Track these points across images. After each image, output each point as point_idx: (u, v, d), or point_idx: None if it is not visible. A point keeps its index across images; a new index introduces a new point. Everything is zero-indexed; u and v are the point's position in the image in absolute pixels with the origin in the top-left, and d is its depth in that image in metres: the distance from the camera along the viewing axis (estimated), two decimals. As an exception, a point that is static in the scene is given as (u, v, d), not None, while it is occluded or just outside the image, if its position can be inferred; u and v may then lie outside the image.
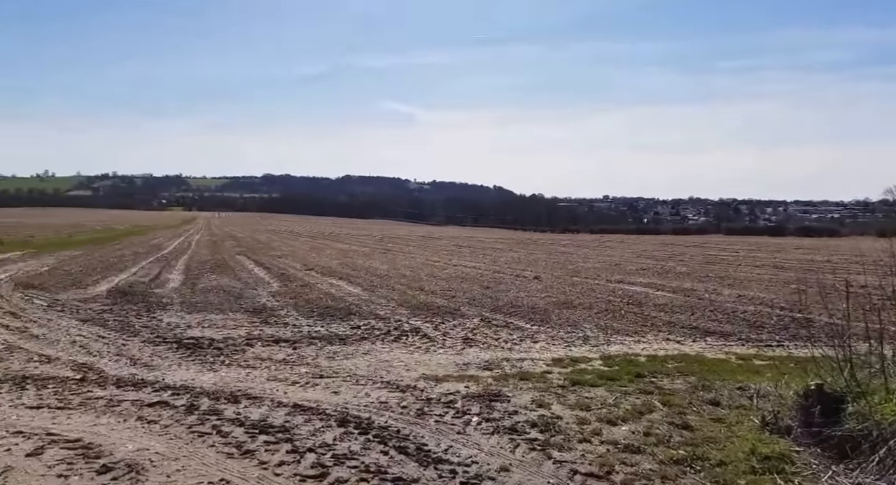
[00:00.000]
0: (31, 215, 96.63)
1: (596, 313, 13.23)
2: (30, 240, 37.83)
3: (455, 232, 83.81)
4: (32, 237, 40.66)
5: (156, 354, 8.83)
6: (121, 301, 14.04)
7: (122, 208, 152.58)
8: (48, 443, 4.88)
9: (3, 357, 8.41)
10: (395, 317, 12.48)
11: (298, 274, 21.09)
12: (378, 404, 6.31)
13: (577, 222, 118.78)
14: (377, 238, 54.92)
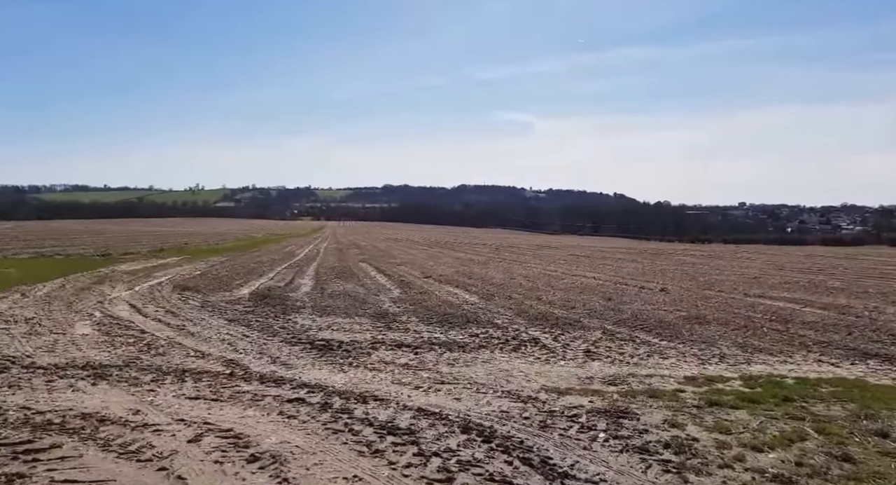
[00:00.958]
0: (185, 224, 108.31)
1: (733, 330, 12.30)
2: (184, 247, 42.39)
3: (572, 241, 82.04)
4: (186, 244, 45.52)
5: (292, 354, 9.50)
6: (261, 304, 15.26)
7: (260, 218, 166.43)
8: (205, 431, 5.42)
9: (166, 352, 9.49)
10: (512, 326, 12.45)
11: (417, 281, 21.72)
12: (500, 413, 6.33)
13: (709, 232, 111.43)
14: (492, 247, 55.15)
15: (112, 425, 5.59)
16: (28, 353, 9.05)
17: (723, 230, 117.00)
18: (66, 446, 5.01)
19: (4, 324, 11.43)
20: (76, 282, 19.07)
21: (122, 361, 8.65)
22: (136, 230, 72.46)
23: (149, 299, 15.46)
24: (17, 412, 5.97)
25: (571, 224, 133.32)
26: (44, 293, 16.02)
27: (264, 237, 67.73)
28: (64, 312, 13.13)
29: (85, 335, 10.66)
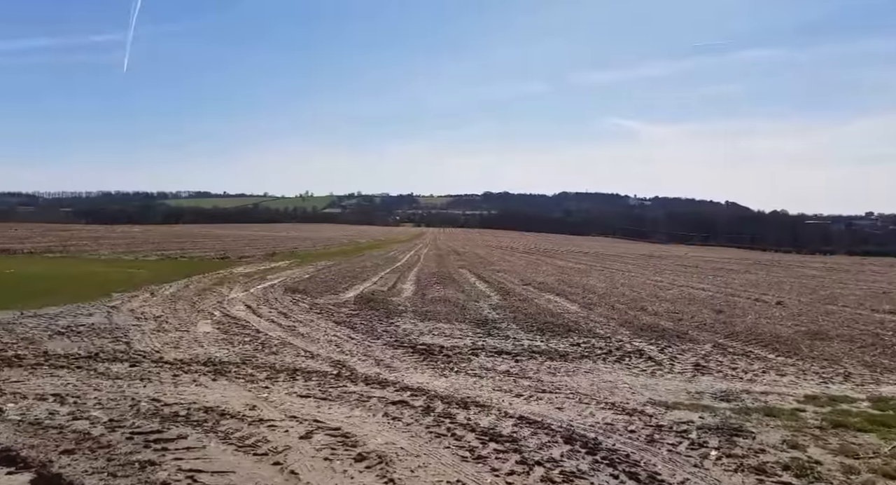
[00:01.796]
0: (295, 229, 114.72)
1: (859, 348, 11.12)
2: (295, 251, 44.85)
3: (680, 250, 78.01)
4: (296, 249, 48.14)
5: (395, 357, 9.69)
6: (365, 307, 15.76)
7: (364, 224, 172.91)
8: (315, 429, 5.63)
9: (279, 351, 10.01)
10: (615, 337, 11.98)
11: (516, 289, 21.52)
12: (604, 424, 6.07)
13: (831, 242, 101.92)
14: (594, 255, 53.64)
15: (231, 419, 5.94)
16: (157, 348, 9.88)
17: (847, 241, 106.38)
18: (190, 437, 5.37)
19: (136, 321, 12.58)
20: (198, 283, 20.68)
21: (240, 359, 9.22)
22: (251, 235, 77.72)
23: (262, 301, 16.43)
24: (149, 404, 6.51)
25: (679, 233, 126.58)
26: (170, 293, 17.50)
27: (368, 243, 70.24)
28: (187, 310, 14.25)
29: (206, 333, 11.48)
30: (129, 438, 5.30)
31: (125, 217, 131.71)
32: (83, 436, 5.31)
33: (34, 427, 5.54)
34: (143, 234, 69.58)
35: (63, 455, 4.81)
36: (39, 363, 8.38)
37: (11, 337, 10.21)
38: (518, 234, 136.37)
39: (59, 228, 74.63)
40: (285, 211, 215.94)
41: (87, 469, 4.55)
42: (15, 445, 5.00)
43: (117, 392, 6.96)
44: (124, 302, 15.13)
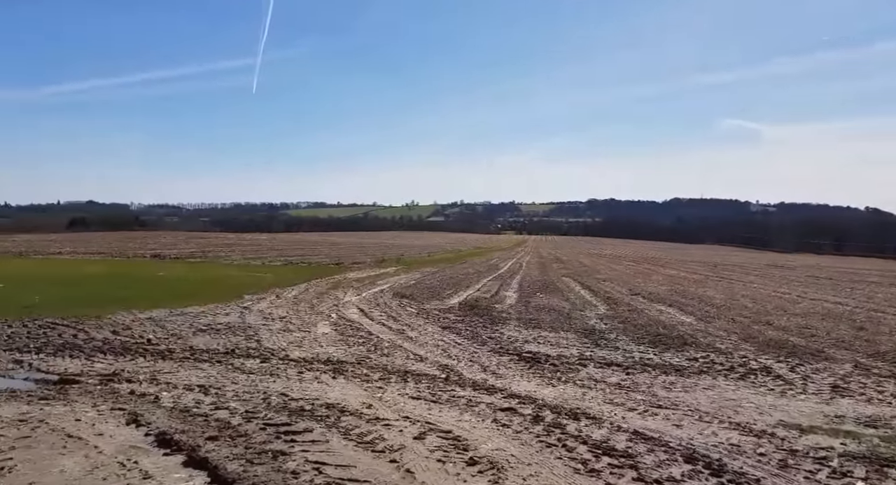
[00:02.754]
0: (401, 237, 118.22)
1: None
2: (401, 258, 46.29)
3: (810, 260, 71.45)
4: (403, 256, 49.65)
5: (501, 364, 9.76)
6: (469, 314, 15.97)
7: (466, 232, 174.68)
8: (427, 430, 5.83)
9: (390, 353, 10.43)
10: (738, 352, 11.25)
11: (624, 299, 20.80)
12: (729, 445, 5.75)
13: None
14: (710, 265, 50.51)
15: (350, 417, 6.30)
16: (283, 347, 10.66)
17: None
18: (315, 431, 5.77)
19: (264, 321, 13.61)
20: (317, 287, 21.96)
21: (355, 359, 9.73)
22: (362, 242, 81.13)
23: (374, 305, 17.15)
24: (278, 398, 7.06)
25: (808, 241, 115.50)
26: (293, 296, 18.74)
27: (470, 250, 70.92)
28: (308, 312, 15.21)
29: (325, 334, 12.20)
30: (262, 428, 5.79)
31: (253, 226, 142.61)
32: (224, 424, 5.87)
33: (184, 414, 6.21)
34: (269, 241, 74.93)
35: (208, 441, 5.36)
36: (186, 357, 9.36)
37: (163, 333, 11.47)
38: (625, 242, 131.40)
39: (198, 236, 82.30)
40: (392, 219, 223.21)
41: (228, 455, 5.03)
42: (169, 429, 5.64)
43: (251, 386, 7.61)
44: (254, 303, 16.44)
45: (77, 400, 6.67)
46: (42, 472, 4.55)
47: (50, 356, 9.11)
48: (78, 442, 5.24)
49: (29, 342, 10.02)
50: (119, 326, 12.05)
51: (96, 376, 7.96)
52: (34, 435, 5.39)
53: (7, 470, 4.55)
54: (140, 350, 9.76)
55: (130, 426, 5.76)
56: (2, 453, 4.92)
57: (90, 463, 4.76)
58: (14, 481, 4.36)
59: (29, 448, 5.05)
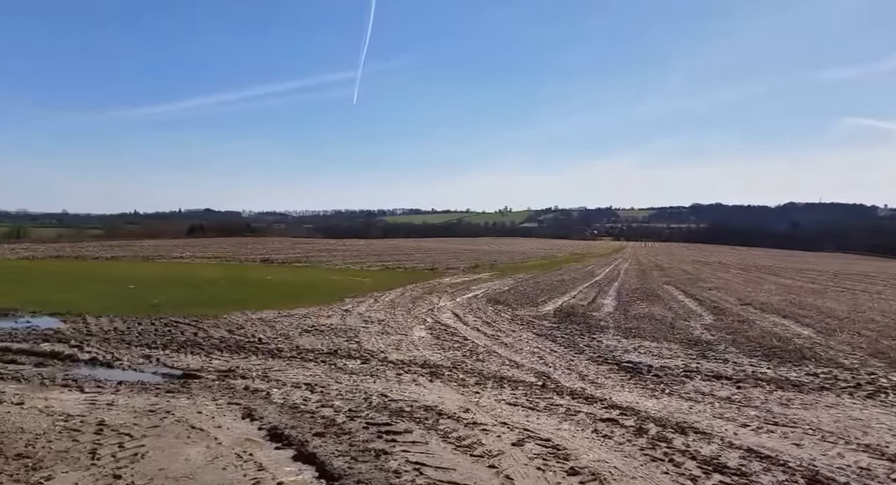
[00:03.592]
0: (494, 243, 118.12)
1: None
2: (494, 264, 46.26)
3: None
4: (496, 262, 49.60)
5: (599, 373, 9.48)
6: (565, 321, 15.65)
7: (560, 238, 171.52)
8: (526, 437, 5.76)
9: (485, 358, 10.44)
10: (865, 369, 10.23)
11: (733, 309, 19.53)
12: (857, 469, 5.23)
13: None
14: (830, 273, 46.31)
15: (448, 420, 6.36)
16: (381, 349, 10.97)
17: None
18: (415, 433, 5.88)
19: (364, 323, 14.08)
20: (412, 291, 22.44)
21: (451, 363, 9.82)
22: (455, 248, 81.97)
23: (468, 310, 17.26)
24: (378, 398, 7.27)
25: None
26: (389, 300, 19.26)
27: (565, 257, 69.59)
28: (405, 316, 15.56)
29: (421, 338, 12.43)
30: (365, 427, 5.98)
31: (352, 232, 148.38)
32: (330, 422, 6.13)
33: (293, 410, 6.55)
34: (367, 247, 77.58)
35: (315, 437, 5.61)
36: (293, 356, 9.88)
37: (273, 332, 12.19)
38: (732, 249, 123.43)
39: (303, 242, 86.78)
40: (485, 225, 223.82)
41: (334, 451, 5.24)
42: (280, 424, 5.97)
43: (353, 386, 7.89)
44: (354, 306, 17.08)
45: (198, 394, 7.22)
46: (170, 459, 4.96)
47: (174, 352, 9.94)
48: (200, 433, 5.67)
49: (156, 339, 11.00)
50: (233, 325, 12.94)
51: (214, 371, 8.58)
52: (162, 425, 5.89)
53: (140, 456, 5.00)
54: (252, 349, 10.42)
55: (245, 420, 6.15)
56: (135, 439, 5.42)
57: (211, 453, 5.13)
58: (147, 466, 4.79)
59: (158, 437, 5.52)
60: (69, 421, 5.83)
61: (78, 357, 9.22)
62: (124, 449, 5.12)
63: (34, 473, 4.52)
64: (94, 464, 4.76)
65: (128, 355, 9.54)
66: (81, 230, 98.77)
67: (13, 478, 4.41)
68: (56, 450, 5.02)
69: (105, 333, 11.40)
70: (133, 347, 10.26)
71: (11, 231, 79.18)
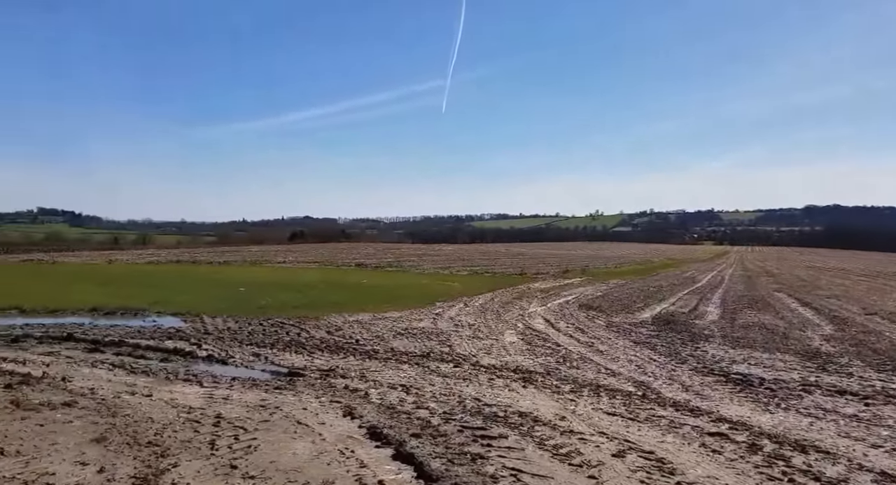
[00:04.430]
0: (585, 248, 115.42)
1: None
2: (586, 269, 45.17)
3: None
4: (587, 267, 48.42)
5: (705, 385, 8.96)
6: (665, 329, 14.97)
7: (657, 243, 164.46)
8: (626, 449, 5.55)
9: (579, 366, 10.19)
10: None
11: (857, 318, 17.83)
12: None
13: None
14: (974, 279, 41.10)
15: (544, 427, 6.26)
16: (473, 353, 11.01)
17: None
18: (510, 438, 5.83)
19: (455, 327, 14.19)
20: (501, 296, 22.37)
21: (544, 370, 9.67)
22: (544, 253, 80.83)
23: (559, 316, 16.95)
24: (472, 402, 7.29)
25: None
26: (479, 304, 19.30)
27: (662, 262, 66.65)
28: (495, 321, 15.53)
29: (512, 343, 12.34)
30: (459, 430, 6.01)
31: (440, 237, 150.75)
32: (426, 423, 6.22)
33: (390, 411, 6.72)
34: (455, 252, 78.38)
35: (412, 438, 5.71)
36: (388, 358, 10.15)
37: (369, 334, 12.60)
38: (852, 253, 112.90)
39: (394, 247, 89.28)
40: (575, 230, 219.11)
41: (431, 453, 5.31)
42: (378, 423, 6.14)
43: (446, 389, 7.98)
44: (445, 310, 17.29)
45: (303, 391, 7.58)
46: (279, 452, 5.23)
47: (280, 351, 10.51)
48: (306, 429, 5.94)
49: (264, 338, 11.69)
50: (332, 327, 13.49)
51: (316, 370, 8.98)
52: (272, 420, 6.23)
53: (253, 448, 5.32)
54: (350, 349, 10.81)
55: (346, 418, 6.38)
56: (248, 432, 5.77)
57: (316, 449, 5.36)
58: (259, 458, 5.08)
59: (268, 431, 5.85)
60: (191, 413, 6.32)
61: (197, 354, 9.99)
62: (239, 441, 5.46)
63: (163, 459, 4.93)
64: (213, 454, 5.11)
65: (239, 353, 10.21)
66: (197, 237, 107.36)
67: (145, 463, 4.83)
68: (180, 439, 5.45)
69: (219, 333, 12.27)
70: (244, 345, 10.96)
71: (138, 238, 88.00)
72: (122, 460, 4.87)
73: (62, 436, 5.43)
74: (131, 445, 5.25)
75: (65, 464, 4.76)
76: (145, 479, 4.49)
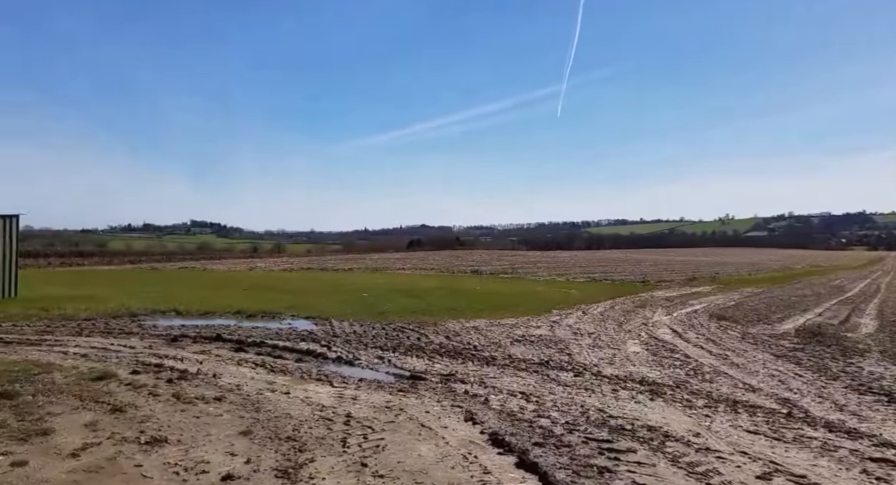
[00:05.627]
0: (713, 254, 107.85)
1: None
2: (716, 276, 42.19)
3: None
4: (717, 274, 45.21)
5: (862, 404, 8.00)
6: (811, 342, 13.58)
7: (797, 248, 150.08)
8: (773, 471, 5.09)
9: (713, 379, 9.51)
10: None
11: None
12: None
13: None
14: None
15: (676, 443, 5.91)
16: (594, 362, 10.66)
17: None
18: (639, 453, 5.57)
19: (574, 335, 13.85)
20: (622, 304, 21.50)
21: (672, 382, 9.14)
22: (668, 259, 76.68)
23: (687, 326, 15.96)
24: (596, 413, 7.06)
25: None
26: (598, 312, 18.70)
27: (804, 269, 60.65)
28: (615, 329, 14.96)
29: (636, 353, 11.81)
30: (584, 442, 5.85)
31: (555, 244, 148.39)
32: (548, 432, 6.12)
33: (511, 418, 6.69)
34: (571, 258, 76.74)
35: (535, 447, 5.64)
36: (506, 364, 10.13)
37: (486, 340, 12.67)
38: None
39: (508, 254, 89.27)
40: (702, 235, 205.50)
41: (555, 463, 5.21)
42: (500, 430, 6.13)
43: (568, 398, 7.80)
44: (562, 318, 16.95)
45: (425, 395, 7.77)
46: (405, 453, 5.39)
47: (402, 355, 10.86)
48: (429, 431, 6.08)
49: (386, 342, 12.15)
50: (450, 332, 13.72)
51: (437, 374, 9.17)
52: (397, 421, 6.45)
53: (381, 448, 5.53)
54: (468, 355, 10.92)
55: (468, 423, 6.44)
56: (376, 432, 6.01)
57: (440, 452, 5.46)
58: (387, 458, 5.27)
59: (394, 432, 6.06)
60: (324, 411, 6.71)
61: (327, 355, 10.60)
62: (368, 440, 5.71)
63: (300, 454, 5.27)
64: (345, 451, 5.38)
65: (365, 356, 10.70)
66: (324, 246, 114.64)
67: (285, 457, 5.19)
68: (315, 436, 5.80)
69: (346, 336, 12.94)
70: (369, 348, 11.47)
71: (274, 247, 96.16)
72: (266, 453, 5.27)
73: (214, 428, 5.99)
74: (272, 439, 5.68)
75: (217, 454, 5.24)
76: (286, 472, 4.82)
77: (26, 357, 9.55)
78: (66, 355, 9.89)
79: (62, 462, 4.88)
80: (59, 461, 4.90)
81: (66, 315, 15.33)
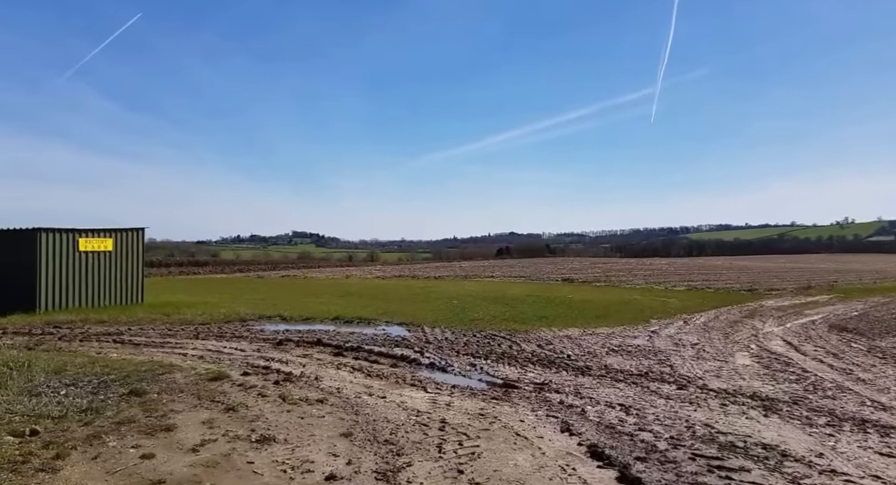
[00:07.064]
0: (831, 260, 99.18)
1: None
2: (834, 285, 38.72)
3: None
4: (836, 282, 41.48)
5: None
6: (953, 357, 12.09)
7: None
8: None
9: (836, 396, 8.69)
10: None
11: None
12: None
13: None
14: None
15: (795, 463, 5.45)
16: (698, 375, 10.08)
17: None
18: (753, 472, 5.18)
19: (675, 346, 13.18)
20: (727, 314, 20.23)
21: (789, 398, 8.46)
22: (778, 266, 71.34)
23: (803, 338, 14.75)
24: (703, 428, 6.66)
25: None
26: (701, 322, 17.69)
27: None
28: (721, 340, 14.07)
29: (745, 366, 11.05)
30: (691, 458, 5.52)
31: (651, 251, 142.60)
32: (651, 447, 5.84)
33: (609, 430, 6.45)
34: (669, 266, 73.41)
35: (637, 461, 5.40)
36: (602, 375, 9.81)
37: (580, 350, 12.35)
38: None
39: (600, 262, 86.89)
40: (817, 240, 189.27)
41: (659, 479, 4.96)
42: (599, 443, 5.93)
43: (671, 412, 7.41)
44: (662, 328, 16.21)
45: (518, 403, 7.68)
46: (501, 462, 5.34)
47: (494, 362, 10.81)
48: (524, 441, 5.99)
49: (478, 349, 12.15)
50: (542, 340, 13.50)
51: (529, 383, 9.04)
52: (491, 429, 6.41)
53: (477, 455, 5.51)
54: (562, 364, 10.68)
55: (564, 434, 6.28)
56: (471, 439, 6.00)
57: (536, 462, 5.36)
58: (483, 465, 5.25)
59: (489, 440, 6.02)
60: (419, 416, 6.80)
61: (420, 361, 10.77)
62: (463, 447, 5.71)
63: (398, 458, 5.36)
64: (441, 457, 5.42)
65: (457, 362, 10.76)
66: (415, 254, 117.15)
67: (384, 460, 5.31)
68: (412, 440, 5.89)
69: (438, 342, 13.09)
70: (461, 355, 11.53)
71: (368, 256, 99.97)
72: (365, 455, 5.41)
73: (317, 429, 6.24)
74: (371, 441, 5.82)
75: (321, 454, 5.44)
76: (385, 475, 4.92)
77: (152, 358, 10.44)
78: (185, 357, 10.71)
79: (184, 456, 5.27)
80: (182, 455, 5.29)
81: (184, 319, 16.65)
